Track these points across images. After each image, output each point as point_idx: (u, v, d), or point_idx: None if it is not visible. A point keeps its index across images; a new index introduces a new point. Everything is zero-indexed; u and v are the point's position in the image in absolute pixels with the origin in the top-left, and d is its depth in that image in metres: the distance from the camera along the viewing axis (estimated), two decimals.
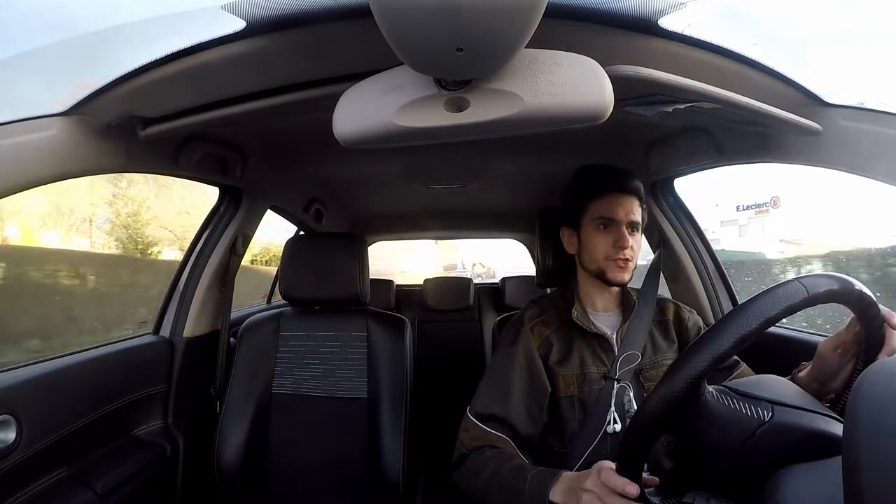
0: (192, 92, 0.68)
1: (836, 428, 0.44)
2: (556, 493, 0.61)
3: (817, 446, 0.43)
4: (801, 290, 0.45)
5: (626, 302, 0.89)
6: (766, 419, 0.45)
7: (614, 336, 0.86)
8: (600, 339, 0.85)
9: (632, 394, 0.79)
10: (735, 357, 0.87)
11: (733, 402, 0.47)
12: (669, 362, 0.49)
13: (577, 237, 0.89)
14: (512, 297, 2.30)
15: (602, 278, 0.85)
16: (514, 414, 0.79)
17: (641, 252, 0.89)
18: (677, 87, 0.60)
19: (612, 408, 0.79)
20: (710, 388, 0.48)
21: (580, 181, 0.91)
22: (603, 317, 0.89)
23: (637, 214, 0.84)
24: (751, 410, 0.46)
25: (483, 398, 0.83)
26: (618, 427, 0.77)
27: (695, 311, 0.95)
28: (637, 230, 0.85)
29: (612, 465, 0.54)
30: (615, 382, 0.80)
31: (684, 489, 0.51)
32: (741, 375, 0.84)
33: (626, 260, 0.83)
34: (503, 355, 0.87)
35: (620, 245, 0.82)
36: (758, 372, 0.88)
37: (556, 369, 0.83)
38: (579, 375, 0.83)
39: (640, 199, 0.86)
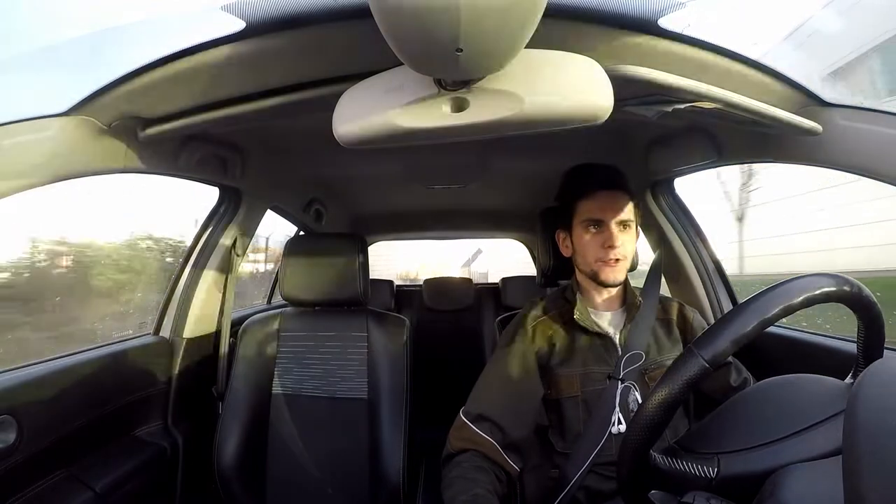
0: (192, 92, 0.68)
1: (792, 451, 0.44)
2: None
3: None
4: (799, 289, 0.45)
5: (630, 301, 0.89)
6: (713, 475, 0.45)
7: (617, 335, 0.86)
8: (603, 339, 0.85)
9: (637, 394, 0.79)
10: (746, 375, 0.88)
11: (679, 463, 0.47)
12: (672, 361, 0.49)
13: (570, 240, 0.89)
14: (512, 297, 2.29)
15: (596, 280, 0.85)
16: (502, 416, 0.79)
17: (641, 253, 0.89)
18: (677, 87, 0.60)
19: (617, 408, 0.79)
20: (655, 454, 0.48)
21: (568, 182, 0.91)
22: (605, 316, 0.89)
23: (626, 212, 0.84)
24: (697, 469, 0.46)
25: (475, 399, 0.83)
26: (622, 427, 0.77)
27: (698, 312, 0.95)
28: (628, 228, 0.84)
29: None
30: (619, 382, 0.80)
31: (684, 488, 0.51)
32: (744, 380, 0.85)
33: (618, 260, 0.83)
34: (499, 357, 0.87)
35: (609, 245, 0.82)
36: (757, 373, 0.88)
37: (558, 370, 0.83)
38: (582, 375, 0.83)
39: (630, 195, 0.85)
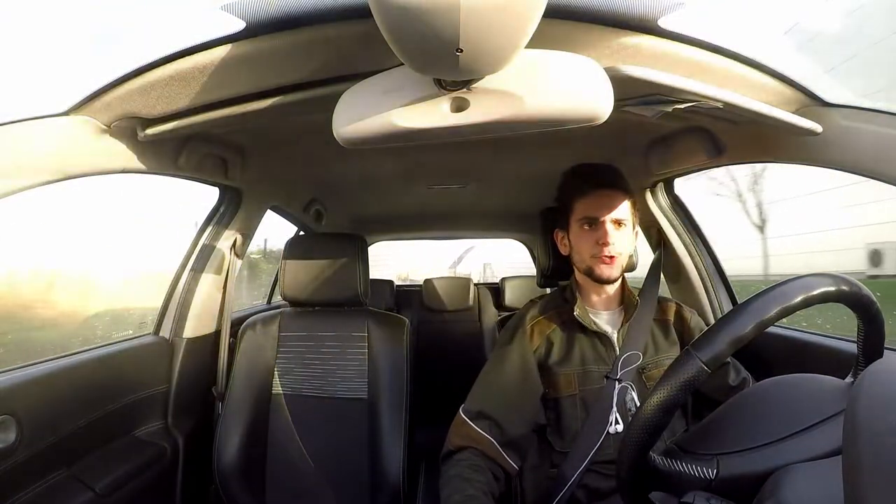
0: (192, 92, 0.68)
1: (792, 452, 0.44)
2: None
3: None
4: (797, 290, 0.45)
5: (627, 301, 0.89)
6: (713, 476, 0.45)
7: (615, 334, 0.86)
8: (601, 338, 0.85)
9: (635, 394, 0.79)
10: (745, 375, 0.88)
11: (678, 464, 0.47)
12: (670, 361, 0.49)
13: (567, 238, 0.90)
14: (512, 297, 2.30)
15: (591, 277, 0.86)
16: (503, 414, 0.79)
17: (641, 254, 0.89)
18: (677, 87, 0.60)
19: (614, 408, 0.79)
20: (654, 455, 0.48)
21: (566, 182, 0.92)
22: (604, 315, 0.89)
23: (622, 211, 0.84)
24: (696, 470, 0.46)
25: (475, 397, 0.83)
26: (619, 427, 0.78)
27: (696, 313, 0.95)
28: (624, 226, 0.85)
29: None
30: (616, 382, 0.80)
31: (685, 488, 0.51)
32: (743, 380, 0.84)
33: (612, 256, 0.83)
34: (499, 355, 0.87)
35: (603, 243, 0.82)
36: (756, 373, 0.88)
37: (556, 369, 0.83)
38: (580, 374, 0.83)
39: (627, 194, 0.86)
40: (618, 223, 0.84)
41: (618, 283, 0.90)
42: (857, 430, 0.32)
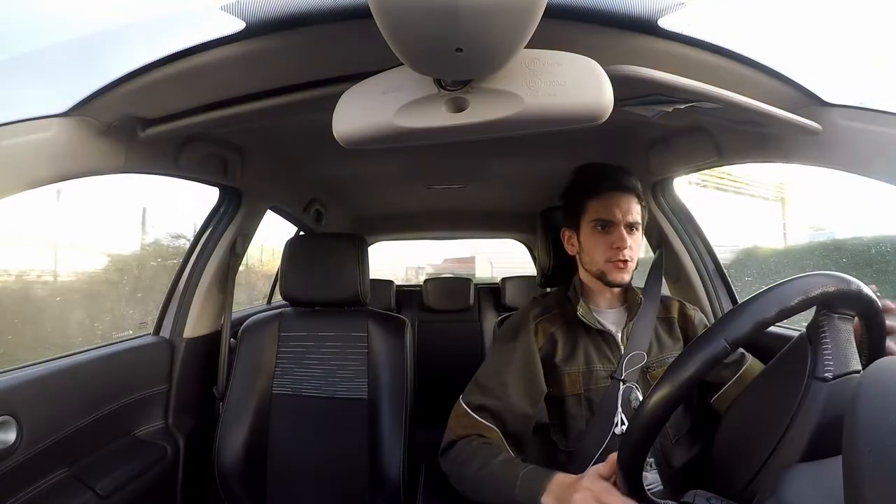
0: (192, 92, 0.68)
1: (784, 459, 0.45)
2: (548, 501, 0.61)
3: None
4: (797, 292, 0.45)
5: (631, 300, 0.89)
6: None
7: (619, 333, 0.86)
8: (605, 337, 0.85)
9: (639, 393, 0.79)
10: (741, 350, 0.86)
11: None
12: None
13: (576, 238, 0.89)
14: (512, 297, 2.29)
15: (603, 280, 0.85)
16: (505, 409, 0.78)
17: (640, 253, 0.89)
18: (677, 87, 0.60)
19: (619, 409, 0.79)
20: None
21: (577, 181, 0.91)
22: (608, 314, 0.89)
23: (635, 214, 0.84)
24: None
25: (477, 389, 0.83)
26: (625, 428, 0.77)
27: (699, 309, 0.94)
28: (636, 229, 0.85)
29: (604, 471, 0.55)
30: (621, 383, 0.80)
31: (689, 487, 0.51)
32: (749, 370, 0.84)
33: (626, 261, 0.83)
34: (502, 351, 0.86)
35: (619, 247, 0.82)
36: None
37: (561, 367, 0.83)
38: (585, 373, 0.83)
39: (639, 197, 0.86)
40: (631, 227, 0.84)
41: None
42: (857, 430, 0.32)
